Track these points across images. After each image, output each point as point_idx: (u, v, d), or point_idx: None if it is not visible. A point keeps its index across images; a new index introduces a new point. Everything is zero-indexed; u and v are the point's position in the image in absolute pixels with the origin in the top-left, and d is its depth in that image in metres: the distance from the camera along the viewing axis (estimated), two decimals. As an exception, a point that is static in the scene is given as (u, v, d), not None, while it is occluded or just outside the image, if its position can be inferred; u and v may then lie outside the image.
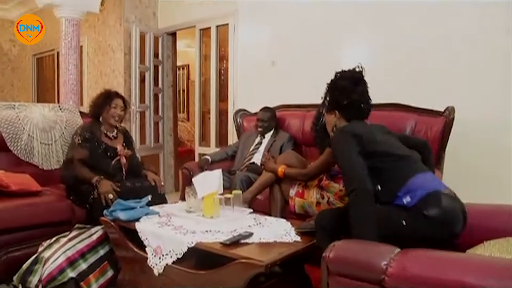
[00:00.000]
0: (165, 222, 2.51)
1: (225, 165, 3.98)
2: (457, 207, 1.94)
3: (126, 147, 3.37)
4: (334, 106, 2.37)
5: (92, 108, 3.43)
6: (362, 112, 2.35)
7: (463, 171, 3.35)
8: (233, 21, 4.95)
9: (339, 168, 2.61)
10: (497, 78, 3.23)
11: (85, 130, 3.28)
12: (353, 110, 2.31)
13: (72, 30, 5.00)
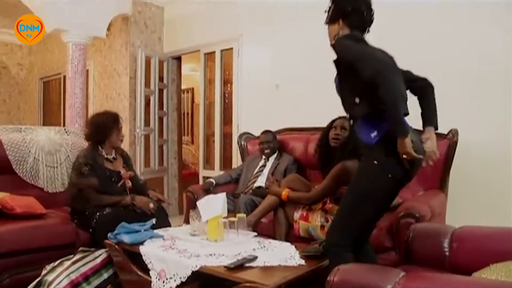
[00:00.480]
0: (169, 246, 2.50)
1: (229, 188, 3.98)
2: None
3: (127, 169, 3.39)
4: (337, 14, 2.26)
5: (97, 135, 3.34)
6: (365, 20, 2.27)
7: (468, 193, 3.35)
8: (237, 45, 5.02)
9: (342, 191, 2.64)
10: (499, 99, 3.25)
11: (88, 158, 3.24)
12: (357, 17, 2.23)
13: (79, 55, 5.08)
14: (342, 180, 2.80)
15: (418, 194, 3.24)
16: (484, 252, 1.93)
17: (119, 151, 3.49)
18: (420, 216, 2.57)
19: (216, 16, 5.27)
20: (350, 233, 2.13)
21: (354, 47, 2.09)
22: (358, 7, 2.22)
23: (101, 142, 3.34)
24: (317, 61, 4.25)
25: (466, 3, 3.38)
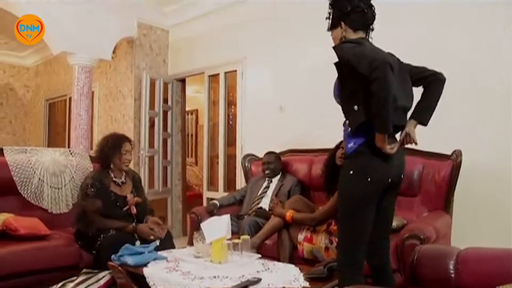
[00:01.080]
0: (173, 267, 2.49)
1: (233, 209, 3.98)
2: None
3: (135, 193, 3.37)
4: (338, 17, 2.25)
5: (102, 157, 3.36)
6: (367, 17, 2.23)
7: (473, 214, 3.33)
8: (241, 67, 5.07)
9: None
10: (503, 120, 3.25)
11: (96, 180, 3.24)
12: (358, 16, 2.20)
13: (85, 77, 5.14)
14: None
15: (422, 215, 3.23)
16: (490, 274, 1.91)
17: (130, 174, 3.47)
18: (425, 237, 2.56)
19: (220, 39, 5.34)
20: (357, 248, 2.14)
21: (354, 48, 2.09)
22: (357, 5, 2.19)
23: (106, 165, 3.34)
24: (320, 83, 4.26)
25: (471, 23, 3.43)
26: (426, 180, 3.29)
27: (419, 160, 3.38)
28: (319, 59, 4.31)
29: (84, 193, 3.22)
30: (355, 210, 2.13)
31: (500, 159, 3.26)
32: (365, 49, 2.06)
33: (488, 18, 3.34)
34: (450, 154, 3.22)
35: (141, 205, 3.34)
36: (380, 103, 1.91)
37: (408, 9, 3.69)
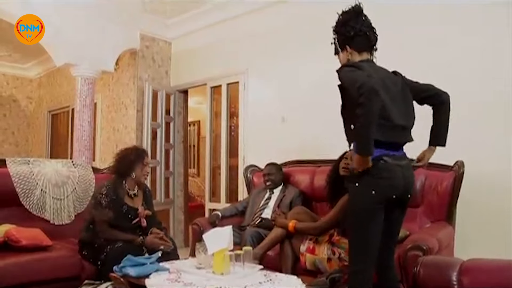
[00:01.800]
0: (175, 279, 2.48)
1: (235, 220, 3.98)
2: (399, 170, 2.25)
3: (145, 206, 3.36)
4: (343, 42, 2.40)
5: (122, 168, 3.34)
6: (370, 39, 2.39)
7: (475, 225, 3.32)
8: (243, 79, 5.09)
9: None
10: (505, 130, 3.26)
11: (110, 189, 3.22)
12: (361, 39, 2.36)
13: (87, 88, 5.16)
14: None
15: (425, 226, 3.22)
16: (493, 285, 1.91)
17: (141, 187, 3.47)
18: (427, 248, 2.55)
19: (222, 50, 5.37)
20: (366, 258, 2.20)
21: (350, 72, 2.21)
22: (359, 29, 2.34)
23: (125, 175, 3.33)
24: (322, 94, 4.31)
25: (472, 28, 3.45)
26: (428, 191, 3.29)
27: (422, 171, 3.37)
28: (321, 70, 4.33)
29: (97, 202, 3.21)
30: (362, 221, 2.20)
31: (502, 170, 3.25)
32: (360, 73, 2.15)
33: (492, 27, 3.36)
34: (452, 165, 3.23)
35: (150, 218, 3.34)
36: (362, 127, 2.06)
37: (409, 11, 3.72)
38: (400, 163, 2.28)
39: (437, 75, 3.56)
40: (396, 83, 2.39)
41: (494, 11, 3.34)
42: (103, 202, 3.17)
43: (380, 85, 2.14)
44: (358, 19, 2.37)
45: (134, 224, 3.23)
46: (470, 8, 3.44)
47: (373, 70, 2.29)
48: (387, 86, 2.28)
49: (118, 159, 3.38)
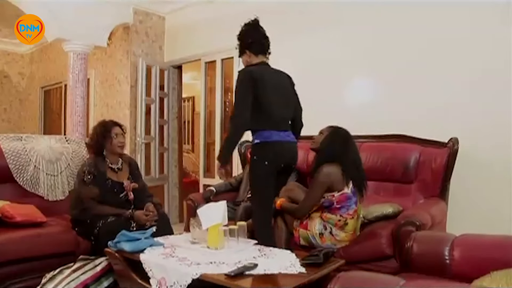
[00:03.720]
0: (169, 254, 2.50)
1: (230, 196, 3.98)
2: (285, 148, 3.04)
3: (132, 179, 3.36)
4: (244, 47, 3.18)
5: (93, 145, 3.37)
6: (264, 46, 3.19)
7: (469, 202, 3.35)
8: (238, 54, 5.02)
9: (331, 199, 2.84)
10: (500, 109, 3.25)
11: (92, 166, 3.24)
12: (257, 46, 3.14)
13: (80, 64, 5.10)
14: (325, 184, 2.84)
15: (418, 202, 3.24)
16: (485, 260, 1.92)
17: (126, 160, 3.47)
18: (420, 224, 2.57)
19: (217, 25, 5.29)
20: (268, 211, 2.99)
21: (240, 86, 2.98)
22: (256, 38, 3.14)
23: (100, 152, 3.33)
24: (316, 71, 4.30)
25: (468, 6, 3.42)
26: (422, 167, 3.31)
27: (416, 147, 3.39)
28: (316, 47, 4.31)
29: (81, 180, 3.22)
30: (261, 182, 2.97)
31: (496, 147, 3.27)
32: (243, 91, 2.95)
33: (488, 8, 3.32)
34: (446, 142, 3.23)
35: (139, 191, 3.34)
36: (227, 138, 3.01)
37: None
38: (287, 142, 3.07)
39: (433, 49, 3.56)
40: (282, 82, 3.23)
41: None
42: (86, 179, 3.18)
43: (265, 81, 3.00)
44: (255, 30, 3.17)
45: (122, 198, 3.25)
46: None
47: (264, 70, 3.11)
48: (272, 84, 3.06)
49: (90, 139, 3.43)
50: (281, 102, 3.10)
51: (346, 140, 2.98)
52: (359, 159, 3.01)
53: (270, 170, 2.96)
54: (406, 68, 3.73)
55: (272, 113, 3.02)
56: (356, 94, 4.08)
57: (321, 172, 2.88)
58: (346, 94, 4.13)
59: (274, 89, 3.06)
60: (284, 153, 3.06)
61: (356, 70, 4.06)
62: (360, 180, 2.93)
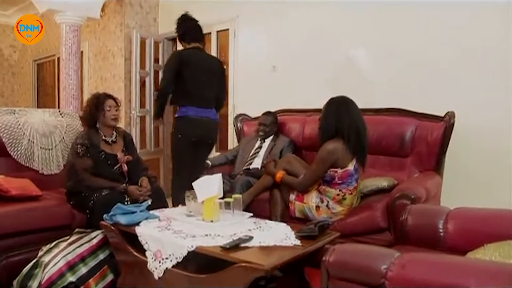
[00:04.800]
0: (165, 226, 2.50)
1: (225, 169, 3.99)
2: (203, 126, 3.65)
3: (126, 152, 3.35)
4: (180, 37, 3.89)
5: (87, 118, 3.35)
6: (196, 36, 3.80)
7: (463, 176, 3.36)
8: (233, 26, 4.97)
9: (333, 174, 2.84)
10: (498, 83, 3.24)
11: (85, 139, 3.22)
12: (190, 35, 3.78)
13: (73, 36, 5.02)
14: (329, 161, 2.83)
15: (413, 176, 3.25)
16: (478, 233, 1.94)
17: (121, 133, 3.45)
18: (415, 197, 2.58)
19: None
20: (183, 174, 3.56)
21: (167, 63, 3.74)
22: (186, 30, 3.80)
23: (93, 125, 3.31)
24: (314, 43, 4.25)
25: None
26: (418, 141, 3.30)
27: (412, 121, 3.38)
28: (313, 19, 4.25)
29: (74, 152, 3.20)
30: (176, 153, 3.69)
31: (494, 122, 3.26)
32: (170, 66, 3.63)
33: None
34: (443, 116, 3.22)
35: (133, 163, 3.33)
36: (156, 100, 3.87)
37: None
38: (201, 118, 3.58)
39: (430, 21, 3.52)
40: (210, 65, 3.74)
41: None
42: (79, 151, 3.16)
43: (191, 63, 3.58)
44: (186, 23, 3.83)
45: (116, 170, 3.24)
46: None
47: (193, 53, 3.69)
48: (198, 66, 3.60)
49: (83, 112, 3.41)
50: (203, 82, 3.60)
51: (341, 108, 2.92)
52: (362, 124, 2.94)
53: (183, 142, 3.59)
54: (404, 41, 3.69)
55: (194, 91, 3.56)
56: (353, 67, 4.04)
57: (325, 149, 2.86)
58: (342, 68, 4.09)
59: (199, 70, 3.58)
60: (196, 128, 3.57)
61: (353, 43, 4.02)
62: (362, 150, 2.91)
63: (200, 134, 3.60)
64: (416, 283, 1.40)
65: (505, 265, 1.52)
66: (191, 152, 3.61)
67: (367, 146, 2.95)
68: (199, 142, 3.62)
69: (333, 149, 2.84)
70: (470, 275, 1.34)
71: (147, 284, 2.41)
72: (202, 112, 3.56)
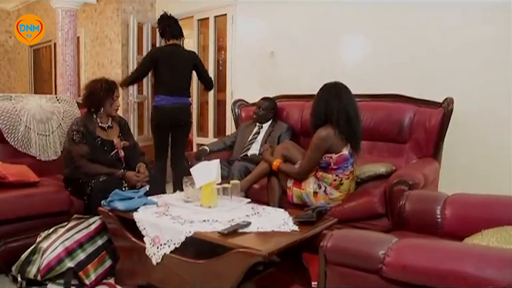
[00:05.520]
0: (163, 212, 2.51)
1: (223, 155, 3.98)
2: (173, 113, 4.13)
3: (122, 137, 3.34)
4: (161, 34, 4.32)
5: (93, 100, 3.27)
6: (173, 33, 4.21)
7: (461, 162, 3.36)
8: (231, 11, 4.93)
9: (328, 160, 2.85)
10: (496, 70, 3.23)
11: (81, 125, 3.19)
12: (168, 33, 4.21)
13: (69, 21, 4.97)
14: (323, 147, 2.83)
15: (411, 162, 3.25)
16: (476, 219, 1.95)
17: (116, 120, 3.42)
18: (413, 183, 2.58)
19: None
20: (159, 152, 4.29)
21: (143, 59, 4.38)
22: (164, 28, 4.23)
23: (94, 110, 3.28)
24: (312, 28, 4.22)
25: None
26: (416, 127, 3.29)
27: (410, 107, 3.37)
28: (311, 4, 4.21)
29: (70, 139, 3.19)
30: (155, 136, 4.28)
31: (492, 109, 3.26)
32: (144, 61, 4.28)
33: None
34: (441, 102, 3.21)
35: (130, 149, 3.32)
36: (131, 75, 4.40)
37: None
38: (172, 105, 4.08)
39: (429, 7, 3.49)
40: (182, 59, 4.15)
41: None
42: (76, 138, 3.15)
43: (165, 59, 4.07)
44: (164, 22, 4.23)
45: (112, 156, 3.23)
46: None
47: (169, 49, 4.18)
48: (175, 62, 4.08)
49: (88, 93, 3.29)
50: (174, 74, 4.08)
51: (331, 93, 2.92)
52: (354, 109, 2.93)
53: (158, 128, 4.20)
54: (402, 27, 3.66)
55: (166, 82, 4.08)
56: (352, 53, 4.02)
57: (318, 136, 2.86)
58: (341, 53, 4.08)
59: (171, 65, 4.05)
60: (167, 115, 4.09)
61: (352, 29, 3.99)
62: (353, 136, 2.91)
63: (172, 119, 4.11)
64: (413, 269, 1.40)
65: (502, 250, 1.53)
66: (166, 137, 4.24)
67: (360, 132, 2.95)
68: (173, 126, 4.17)
69: (325, 135, 2.84)
70: (467, 261, 1.35)
71: (145, 270, 2.42)
72: (173, 100, 4.06)
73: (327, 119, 2.88)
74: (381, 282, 1.46)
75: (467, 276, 1.28)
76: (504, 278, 1.22)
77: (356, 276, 1.54)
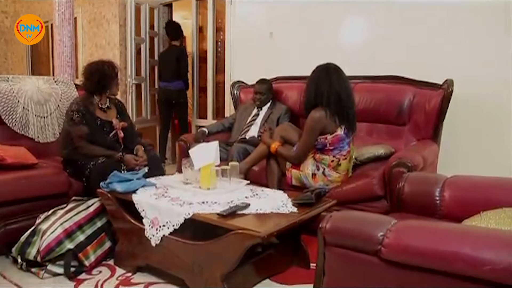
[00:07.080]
0: (162, 194, 2.51)
1: (222, 137, 3.97)
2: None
3: (120, 119, 3.33)
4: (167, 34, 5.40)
5: (98, 81, 3.20)
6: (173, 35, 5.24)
7: (461, 144, 3.36)
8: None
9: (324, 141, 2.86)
10: (496, 52, 3.20)
11: (80, 105, 3.17)
12: (170, 36, 5.30)
13: (66, 1, 4.89)
14: (317, 129, 2.83)
15: (410, 144, 3.24)
16: (475, 201, 1.94)
17: (112, 101, 3.40)
18: (412, 165, 2.58)
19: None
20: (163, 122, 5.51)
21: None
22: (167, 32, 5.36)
23: (100, 92, 3.25)
24: (311, 9, 4.17)
25: None
26: (416, 109, 3.28)
27: (410, 89, 3.35)
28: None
29: (69, 119, 3.17)
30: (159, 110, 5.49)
31: (491, 90, 3.25)
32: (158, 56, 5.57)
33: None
34: (441, 84, 3.19)
35: (128, 130, 3.31)
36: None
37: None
38: (165, 88, 5.22)
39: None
40: (172, 54, 5.16)
41: None
42: (75, 118, 3.12)
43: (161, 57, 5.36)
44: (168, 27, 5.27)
45: (111, 137, 3.22)
46: None
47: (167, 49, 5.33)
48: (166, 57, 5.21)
49: (94, 75, 3.22)
50: (167, 66, 5.22)
51: (321, 75, 2.91)
52: (345, 90, 2.90)
53: (159, 104, 5.47)
54: (403, 8, 3.62)
55: (162, 72, 5.32)
56: (351, 35, 3.98)
57: (312, 118, 2.86)
58: (340, 34, 4.04)
59: (166, 60, 5.24)
60: (163, 95, 5.32)
61: (350, 10, 3.95)
62: (346, 117, 2.89)
63: (166, 98, 5.32)
64: (412, 250, 1.40)
65: (501, 232, 1.53)
66: (166, 111, 5.44)
67: (353, 113, 2.93)
68: (167, 103, 5.36)
69: (318, 116, 2.84)
70: (466, 242, 1.35)
71: (144, 251, 2.43)
72: (165, 84, 5.28)
73: (318, 100, 2.87)
74: (380, 264, 1.46)
75: (466, 257, 1.28)
76: (502, 260, 1.22)
77: (355, 258, 1.54)
